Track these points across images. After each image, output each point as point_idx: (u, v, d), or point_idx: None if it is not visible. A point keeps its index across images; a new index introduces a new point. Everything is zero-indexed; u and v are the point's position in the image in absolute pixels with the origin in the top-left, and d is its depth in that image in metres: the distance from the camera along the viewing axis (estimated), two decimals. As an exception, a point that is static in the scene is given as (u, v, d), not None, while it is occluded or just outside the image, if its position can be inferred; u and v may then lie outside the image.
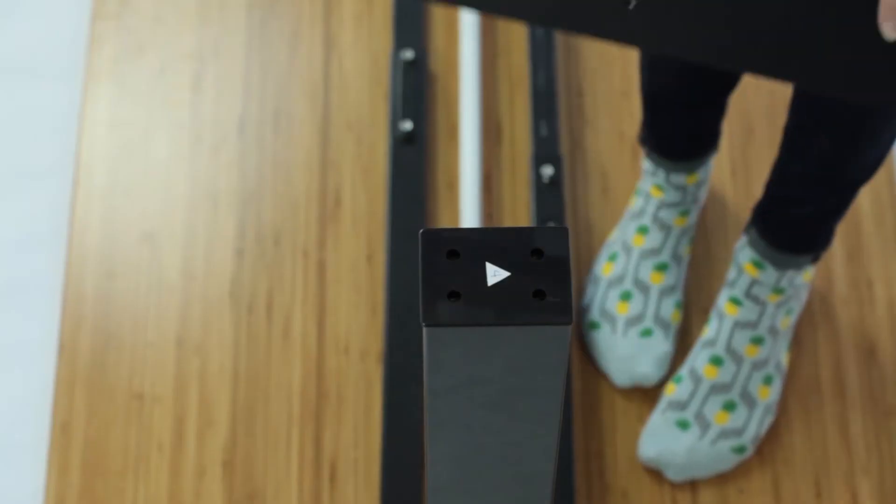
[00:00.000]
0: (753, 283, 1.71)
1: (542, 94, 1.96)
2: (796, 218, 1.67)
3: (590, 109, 1.99)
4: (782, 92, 1.91)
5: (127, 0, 2.06)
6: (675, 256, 1.80)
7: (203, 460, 1.76)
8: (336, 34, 2.05)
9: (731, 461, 1.73)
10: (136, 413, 1.78)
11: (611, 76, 2.02)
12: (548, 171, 1.89)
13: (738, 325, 1.73)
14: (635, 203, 1.82)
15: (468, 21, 2.01)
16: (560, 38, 2.03)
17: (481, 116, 1.95)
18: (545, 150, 1.92)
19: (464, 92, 1.96)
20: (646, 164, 1.80)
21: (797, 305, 1.76)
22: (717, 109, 1.74)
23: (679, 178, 1.78)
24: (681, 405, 1.72)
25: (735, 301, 1.72)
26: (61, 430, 1.77)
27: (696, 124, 1.74)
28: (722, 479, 1.74)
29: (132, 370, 1.81)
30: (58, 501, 1.73)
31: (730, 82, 1.69)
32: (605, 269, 1.82)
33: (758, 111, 1.97)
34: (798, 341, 1.82)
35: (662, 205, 1.79)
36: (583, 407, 1.79)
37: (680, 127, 1.75)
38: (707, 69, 1.62)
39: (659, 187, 1.78)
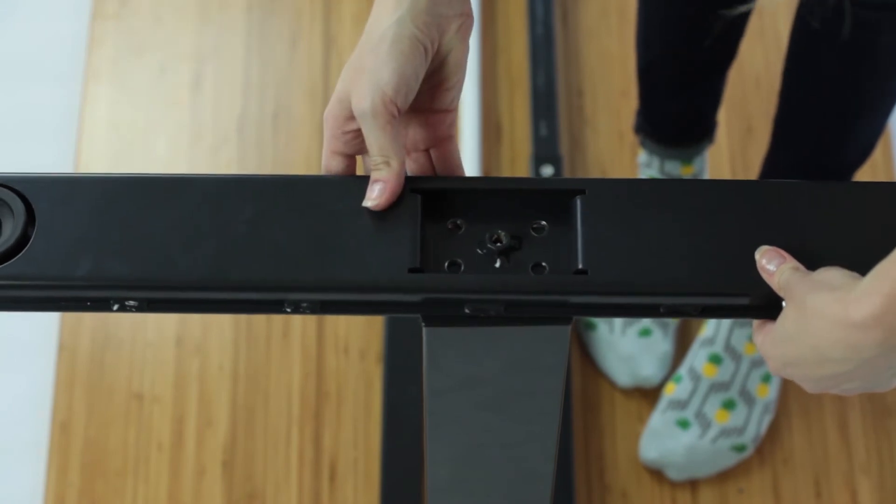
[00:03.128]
0: None
1: (542, 94, 1.96)
2: None
3: (590, 109, 1.99)
4: (782, 92, 1.90)
5: (127, 0, 2.06)
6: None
7: (203, 460, 1.76)
8: (336, 34, 2.05)
9: (732, 460, 1.73)
10: (135, 413, 1.78)
11: (611, 76, 2.02)
12: (548, 171, 1.89)
13: (737, 322, 1.73)
14: (632, 200, 1.81)
15: (468, 21, 2.00)
16: (560, 38, 2.03)
17: (481, 116, 1.95)
18: (545, 150, 1.92)
19: (464, 92, 1.95)
20: (641, 156, 1.80)
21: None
22: (710, 91, 1.72)
23: (674, 168, 1.77)
24: (681, 404, 1.72)
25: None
26: (61, 430, 1.77)
27: (689, 104, 1.73)
28: (722, 479, 1.74)
29: (132, 370, 1.81)
30: (57, 501, 1.73)
31: (723, 58, 1.67)
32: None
33: (758, 111, 1.97)
34: (798, 341, 1.82)
35: None
36: (583, 407, 1.78)
37: (673, 106, 1.73)
38: (699, 43, 1.61)
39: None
